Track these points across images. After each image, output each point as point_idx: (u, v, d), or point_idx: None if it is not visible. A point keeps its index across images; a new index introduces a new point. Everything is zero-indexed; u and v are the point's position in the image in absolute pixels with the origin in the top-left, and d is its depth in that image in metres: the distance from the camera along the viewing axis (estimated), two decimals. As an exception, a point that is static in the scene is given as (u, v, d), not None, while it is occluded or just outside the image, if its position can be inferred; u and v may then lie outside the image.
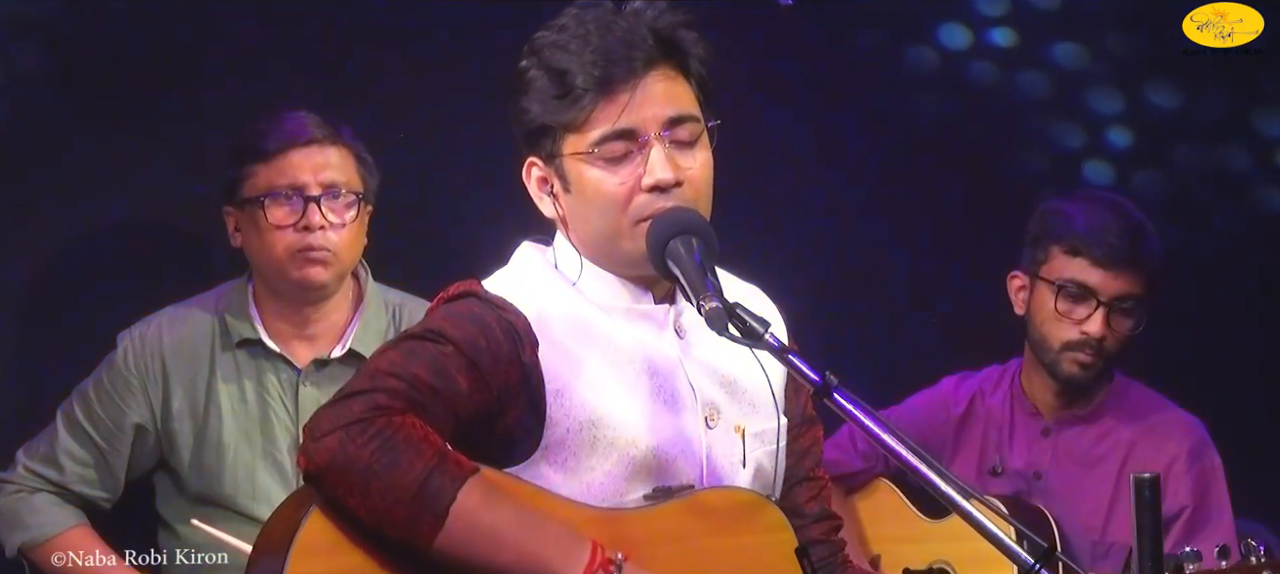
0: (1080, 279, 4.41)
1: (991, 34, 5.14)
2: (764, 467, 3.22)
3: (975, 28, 5.14)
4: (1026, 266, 4.50)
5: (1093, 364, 4.43)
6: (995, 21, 5.14)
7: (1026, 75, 5.16)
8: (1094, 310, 4.40)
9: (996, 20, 5.14)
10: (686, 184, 3.09)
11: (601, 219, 3.12)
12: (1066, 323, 4.43)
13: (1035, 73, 5.15)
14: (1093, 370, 4.45)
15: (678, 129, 3.11)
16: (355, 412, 2.97)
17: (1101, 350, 4.42)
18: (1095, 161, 5.17)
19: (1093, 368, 4.44)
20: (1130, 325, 4.42)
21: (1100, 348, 4.41)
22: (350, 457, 2.95)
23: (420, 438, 2.97)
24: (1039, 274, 4.45)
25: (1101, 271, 4.40)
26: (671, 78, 3.12)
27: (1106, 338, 4.41)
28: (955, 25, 5.15)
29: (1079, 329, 4.42)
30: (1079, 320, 4.42)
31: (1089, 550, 4.44)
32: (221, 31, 4.73)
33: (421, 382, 3.02)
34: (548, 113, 3.11)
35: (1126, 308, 4.41)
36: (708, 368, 3.19)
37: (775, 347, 2.97)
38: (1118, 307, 4.40)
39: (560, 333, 3.12)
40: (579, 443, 3.11)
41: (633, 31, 3.10)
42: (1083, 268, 4.41)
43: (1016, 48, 5.15)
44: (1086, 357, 4.42)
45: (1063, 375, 4.46)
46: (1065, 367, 4.45)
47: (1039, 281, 4.45)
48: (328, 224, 4.32)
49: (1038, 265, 4.46)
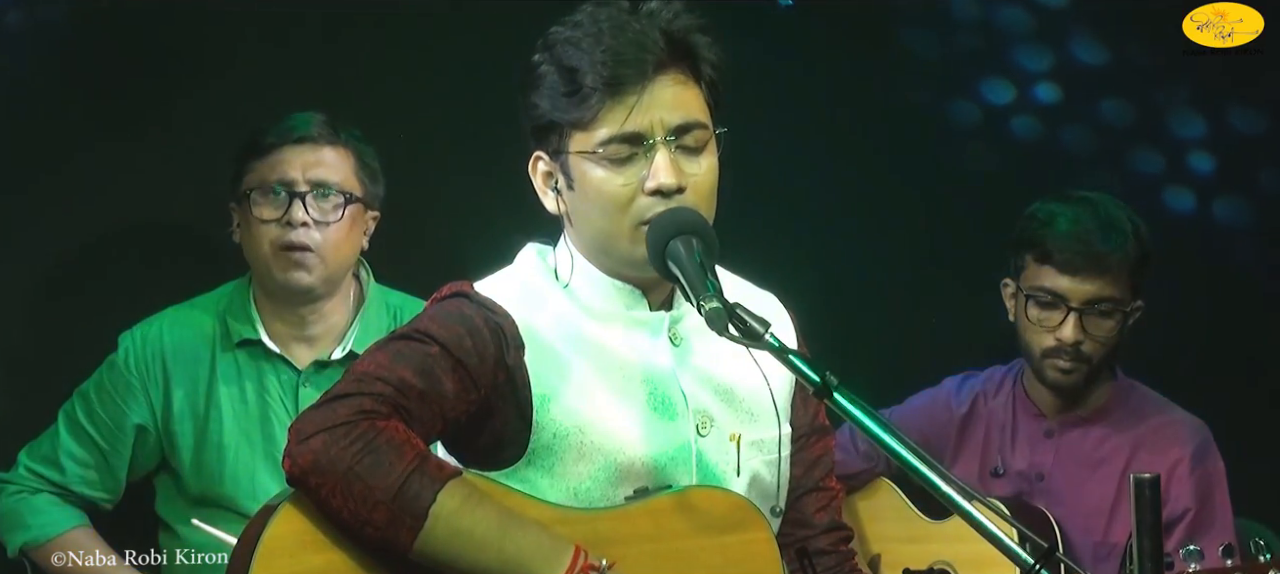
0: (1049, 286, 4.38)
1: (959, 38, 5.15)
2: (762, 475, 3.21)
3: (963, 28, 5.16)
4: (1012, 274, 4.49)
5: (1072, 369, 4.41)
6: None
7: (1029, 75, 5.16)
8: (1065, 316, 4.39)
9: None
10: (690, 190, 3.09)
11: (602, 219, 3.12)
12: (1042, 331, 4.41)
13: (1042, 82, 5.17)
14: (1076, 375, 4.42)
15: (684, 135, 3.10)
16: (340, 415, 2.98)
17: (1080, 355, 4.40)
18: (1075, 126, 5.17)
19: (1074, 372, 4.42)
20: (1110, 327, 4.40)
21: (1078, 353, 4.39)
22: (332, 459, 2.95)
23: (402, 441, 2.97)
24: (1019, 282, 4.45)
25: (1068, 278, 4.37)
26: (682, 82, 3.11)
27: (1082, 342, 4.39)
28: (956, 27, 5.16)
29: (1054, 336, 4.40)
30: (1052, 328, 4.40)
31: (1091, 552, 4.44)
32: (226, 33, 4.73)
33: (408, 385, 3.03)
34: (556, 109, 3.10)
35: (1103, 310, 4.38)
36: (702, 375, 3.19)
37: (775, 347, 2.96)
38: (1091, 310, 4.38)
39: (549, 337, 3.12)
40: (566, 448, 3.10)
41: (645, 33, 3.09)
42: (1051, 275, 4.38)
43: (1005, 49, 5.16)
44: (1065, 362, 4.41)
45: (1049, 381, 4.45)
46: (1048, 373, 4.44)
47: (1019, 290, 4.45)
48: (311, 221, 4.32)
49: (1019, 273, 4.45)
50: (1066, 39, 5.12)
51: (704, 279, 2.99)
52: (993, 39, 5.12)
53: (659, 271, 3.08)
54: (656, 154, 3.08)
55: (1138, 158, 5.12)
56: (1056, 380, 4.44)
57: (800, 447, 3.29)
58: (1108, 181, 4.83)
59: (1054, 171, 5.04)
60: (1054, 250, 4.37)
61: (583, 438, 3.11)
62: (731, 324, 2.94)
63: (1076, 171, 5.06)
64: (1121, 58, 5.09)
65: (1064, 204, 4.42)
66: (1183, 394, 4.57)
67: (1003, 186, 5.00)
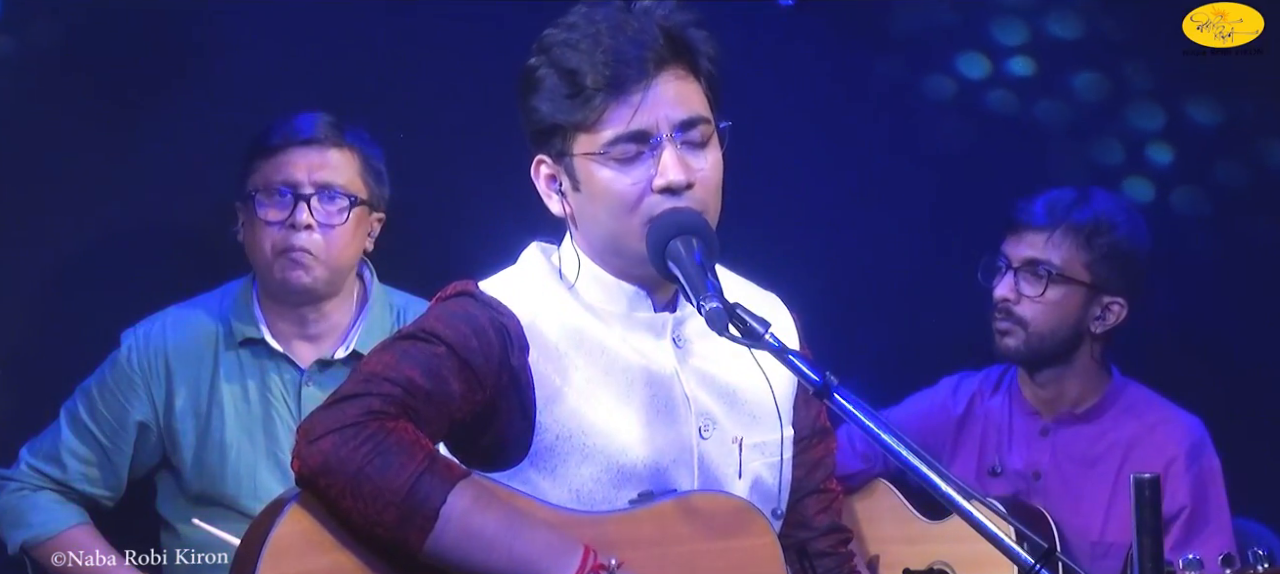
0: (1002, 249, 4.51)
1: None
2: (763, 478, 3.21)
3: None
4: None
5: (1009, 330, 4.48)
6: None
7: (1024, 73, 5.17)
8: (1003, 275, 4.47)
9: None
10: (698, 185, 3.08)
11: (611, 219, 3.11)
12: (993, 295, 4.49)
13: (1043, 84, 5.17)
14: (1014, 340, 4.48)
15: (690, 131, 3.09)
16: (349, 415, 2.98)
17: (1013, 315, 4.46)
18: (1055, 102, 5.19)
19: (1010, 336, 4.48)
20: (1043, 293, 4.44)
21: (1011, 313, 4.46)
22: (342, 460, 2.95)
23: (412, 442, 2.98)
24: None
25: (1012, 238, 4.49)
26: (682, 78, 3.11)
27: (1015, 302, 4.44)
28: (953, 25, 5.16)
29: (995, 296, 4.47)
30: (995, 289, 4.48)
31: (1088, 550, 4.45)
32: (230, 32, 4.72)
33: (415, 385, 3.02)
34: (558, 112, 3.10)
35: (1037, 272, 4.45)
36: (705, 378, 3.19)
37: (774, 347, 2.97)
38: (1026, 270, 4.45)
39: (553, 338, 3.12)
40: (568, 450, 3.10)
41: (644, 31, 3.08)
42: (1007, 241, 4.50)
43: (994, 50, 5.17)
44: (1001, 321, 4.48)
45: (997, 350, 4.51)
46: (996, 340, 4.49)
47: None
48: (315, 224, 4.32)
49: None
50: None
51: (704, 279, 2.99)
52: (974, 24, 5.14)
53: (659, 271, 3.07)
54: (664, 151, 3.07)
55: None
56: (999, 346, 4.51)
57: (802, 449, 3.28)
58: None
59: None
60: (1010, 220, 4.51)
61: (585, 440, 3.10)
62: (732, 324, 2.95)
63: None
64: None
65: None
66: (1183, 394, 4.58)
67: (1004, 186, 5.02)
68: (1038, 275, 4.45)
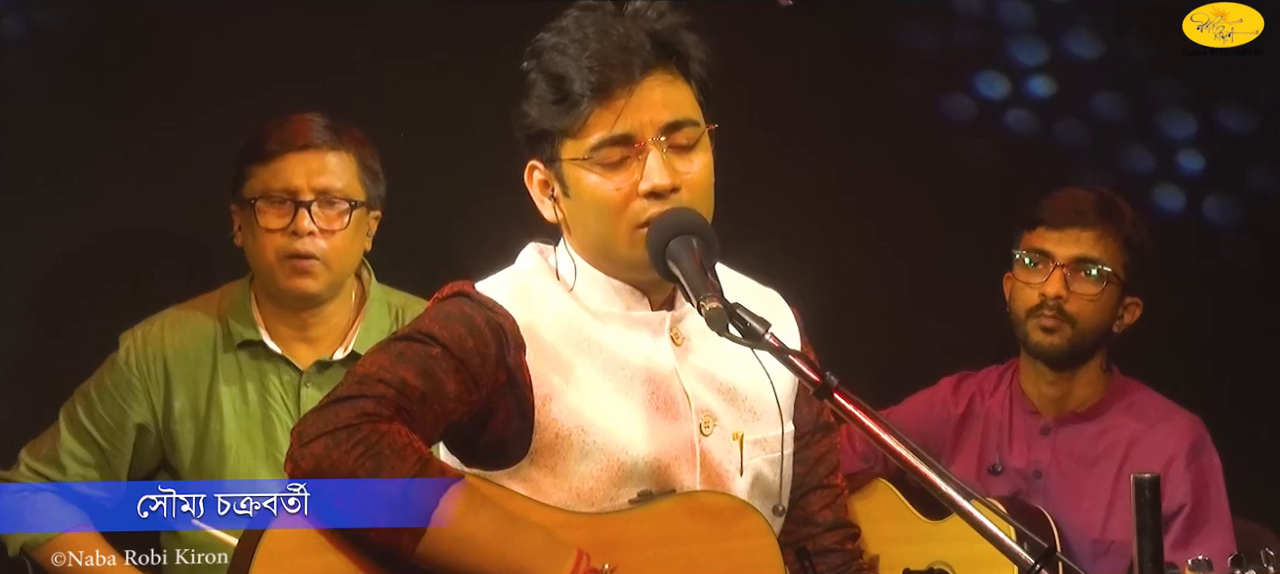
0: (1037, 245, 4.46)
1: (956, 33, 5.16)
2: (765, 474, 3.22)
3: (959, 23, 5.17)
4: (1011, 260, 4.52)
5: (1055, 328, 4.45)
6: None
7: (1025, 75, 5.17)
8: (1051, 272, 4.42)
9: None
10: (685, 188, 3.09)
11: (599, 223, 3.11)
12: (1029, 290, 4.46)
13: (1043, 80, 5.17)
14: (1059, 338, 4.45)
15: (675, 134, 3.10)
16: (342, 418, 2.98)
17: (1063, 314, 4.44)
18: (1070, 122, 5.18)
19: (1057, 333, 4.45)
20: (1095, 292, 4.42)
21: (1061, 311, 4.43)
22: (334, 462, 2.96)
23: (404, 445, 2.98)
24: (1014, 255, 4.49)
25: (1057, 234, 4.45)
26: (670, 82, 3.10)
27: (1066, 299, 4.42)
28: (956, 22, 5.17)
29: (1039, 292, 4.44)
30: (1039, 285, 4.44)
31: (1088, 550, 4.45)
32: (226, 35, 4.73)
33: (409, 386, 3.03)
34: (546, 117, 3.10)
35: (1089, 270, 4.43)
36: (705, 375, 3.19)
37: (775, 346, 2.97)
38: (1077, 268, 4.43)
39: (551, 337, 3.12)
40: (568, 448, 3.10)
41: (630, 35, 3.08)
42: (1041, 236, 4.47)
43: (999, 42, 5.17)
44: (1048, 319, 4.45)
45: (1033, 347, 4.48)
46: (1033, 336, 4.47)
47: (1014, 263, 4.49)
48: (317, 231, 4.32)
49: (1015, 252, 4.50)
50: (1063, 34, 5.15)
51: (704, 279, 3.00)
52: (991, 32, 5.14)
53: (660, 273, 3.08)
54: (649, 155, 3.08)
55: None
56: (1039, 343, 4.46)
57: (803, 444, 3.29)
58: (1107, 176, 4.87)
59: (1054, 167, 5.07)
60: (1046, 214, 4.46)
61: (585, 438, 3.11)
62: (731, 324, 2.95)
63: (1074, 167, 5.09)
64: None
65: (1063, 188, 4.49)
66: (1181, 394, 4.58)
67: (1004, 184, 5.02)
68: (1090, 273, 4.43)
